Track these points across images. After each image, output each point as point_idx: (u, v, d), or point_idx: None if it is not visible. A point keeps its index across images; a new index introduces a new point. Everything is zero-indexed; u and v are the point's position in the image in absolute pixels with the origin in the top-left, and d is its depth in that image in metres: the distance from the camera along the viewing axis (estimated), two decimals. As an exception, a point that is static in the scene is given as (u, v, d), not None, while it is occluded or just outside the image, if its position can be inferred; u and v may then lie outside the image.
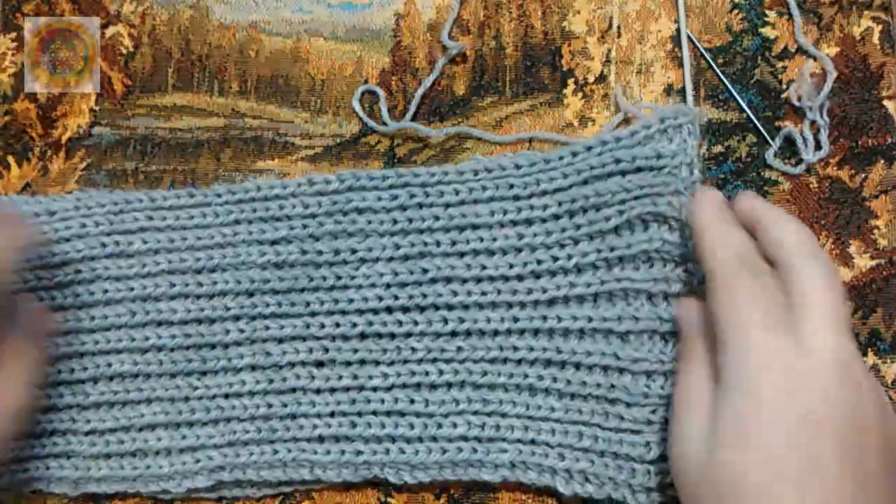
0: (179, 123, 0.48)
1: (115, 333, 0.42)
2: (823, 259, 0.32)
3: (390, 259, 0.41)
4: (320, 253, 0.41)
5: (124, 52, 0.49)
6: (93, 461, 0.42)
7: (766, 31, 0.44)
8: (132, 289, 0.42)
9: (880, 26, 0.43)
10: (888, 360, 0.40)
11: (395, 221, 0.41)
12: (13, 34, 0.50)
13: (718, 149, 0.43)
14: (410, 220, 0.41)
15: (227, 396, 0.41)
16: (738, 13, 0.44)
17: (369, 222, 0.41)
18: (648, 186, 0.37)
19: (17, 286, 0.43)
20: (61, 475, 0.42)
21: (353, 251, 0.41)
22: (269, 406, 0.41)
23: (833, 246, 0.42)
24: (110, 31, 0.49)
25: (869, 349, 0.40)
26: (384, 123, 0.46)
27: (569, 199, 0.39)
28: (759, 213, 0.34)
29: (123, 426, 0.42)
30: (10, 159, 0.48)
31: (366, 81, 0.47)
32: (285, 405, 0.41)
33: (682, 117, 0.38)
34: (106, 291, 0.43)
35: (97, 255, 0.43)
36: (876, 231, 0.41)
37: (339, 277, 0.41)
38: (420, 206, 0.41)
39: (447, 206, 0.41)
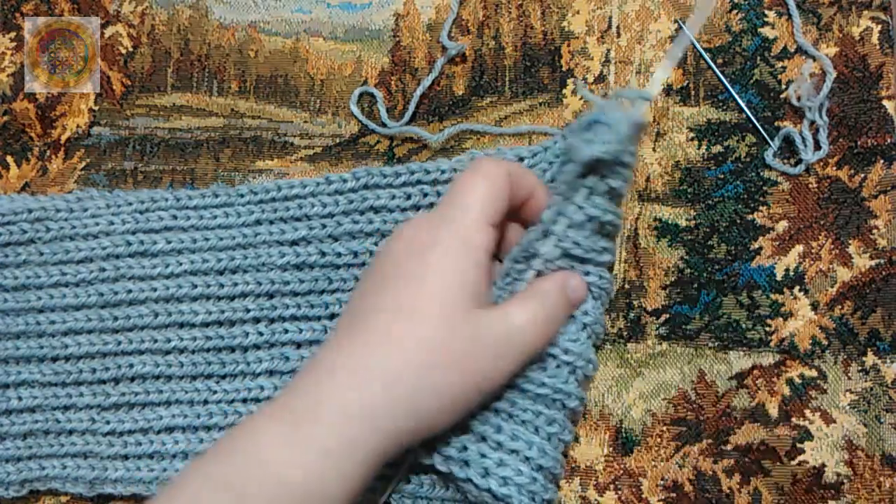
0: (178, 123, 0.48)
1: (137, 334, 0.43)
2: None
3: None
4: (339, 255, 0.41)
5: (123, 52, 0.49)
6: (110, 462, 0.42)
7: (766, 31, 0.44)
8: (155, 289, 0.43)
9: (879, 26, 0.43)
10: (888, 360, 0.40)
11: None
12: (12, 34, 0.50)
13: (718, 149, 0.43)
14: None
15: (245, 401, 0.41)
16: (737, 13, 0.44)
17: (385, 222, 0.41)
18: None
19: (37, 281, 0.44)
20: (78, 475, 0.42)
21: (371, 253, 0.41)
22: None
23: (832, 246, 0.41)
24: (109, 30, 0.49)
25: (868, 349, 0.40)
26: (383, 124, 0.46)
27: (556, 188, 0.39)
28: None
29: (142, 428, 0.42)
30: (10, 159, 0.48)
31: (365, 82, 0.47)
32: None
33: (604, 116, 0.33)
34: (130, 291, 0.43)
35: (122, 253, 0.43)
36: (875, 231, 0.41)
37: (359, 280, 0.41)
38: (432, 205, 0.41)
39: None
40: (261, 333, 0.41)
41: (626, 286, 0.42)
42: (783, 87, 0.43)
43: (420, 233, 0.34)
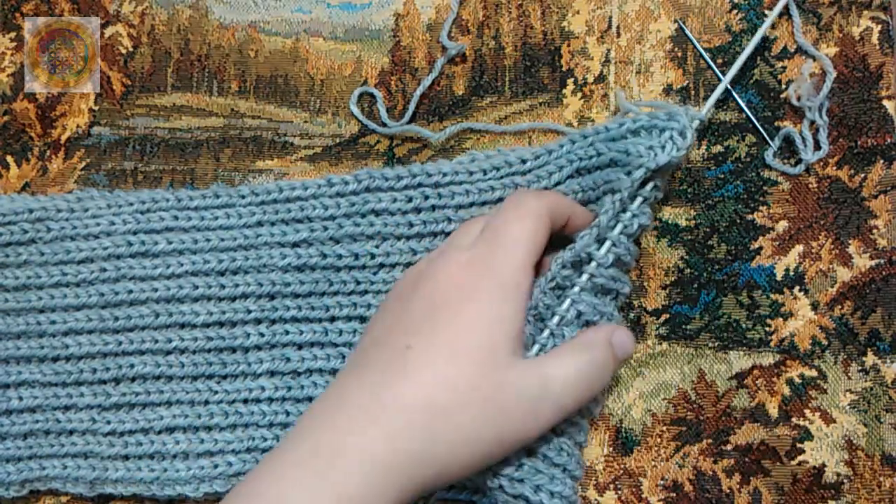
0: (179, 123, 0.48)
1: (138, 334, 0.43)
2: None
3: (407, 264, 0.41)
4: (340, 257, 0.41)
5: (123, 51, 0.49)
6: (111, 462, 0.42)
7: (766, 31, 0.44)
8: (156, 290, 0.43)
9: (879, 26, 0.43)
10: (888, 360, 0.40)
11: (410, 225, 0.41)
12: (12, 34, 0.50)
13: (718, 149, 0.43)
14: (425, 223, 0.41)
15: (245, 402, 0.41)
16: (737, 13, 0.44)
17: (386, 225, 0.41)
18: (604, 184, 0.38)
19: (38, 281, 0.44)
20: (78, 475, 0.42)
21: (372, 255, 0.41)
22: (288, 414, 0.41)
23: (832, 246, 0.41)
24: (109, 30, 0.49)
25: (868, 349, 0.40)
26: (383, 124, 0.46)
27: (565, 192, 0.40)
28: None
29: (143, 428, 0.42)
30: (10, 159, 0.48)
31: (365, 82, 0.47)
32: (302, 414, 0.41)
33: (670, 122, 0.37)
34: (130, 292, 0.43)
35: (123, 253, 0.43)
36: (875, 231, 0.41)
37: (359, 282, 0.41)
38: (433, 207, 0.41)
39: (458, 207, 0.41)
40: (261, 334, 0.42)
41: (626, 286, 0.42)
42: (783, 87, 0.43)
43: (461, 274, 0.34)
